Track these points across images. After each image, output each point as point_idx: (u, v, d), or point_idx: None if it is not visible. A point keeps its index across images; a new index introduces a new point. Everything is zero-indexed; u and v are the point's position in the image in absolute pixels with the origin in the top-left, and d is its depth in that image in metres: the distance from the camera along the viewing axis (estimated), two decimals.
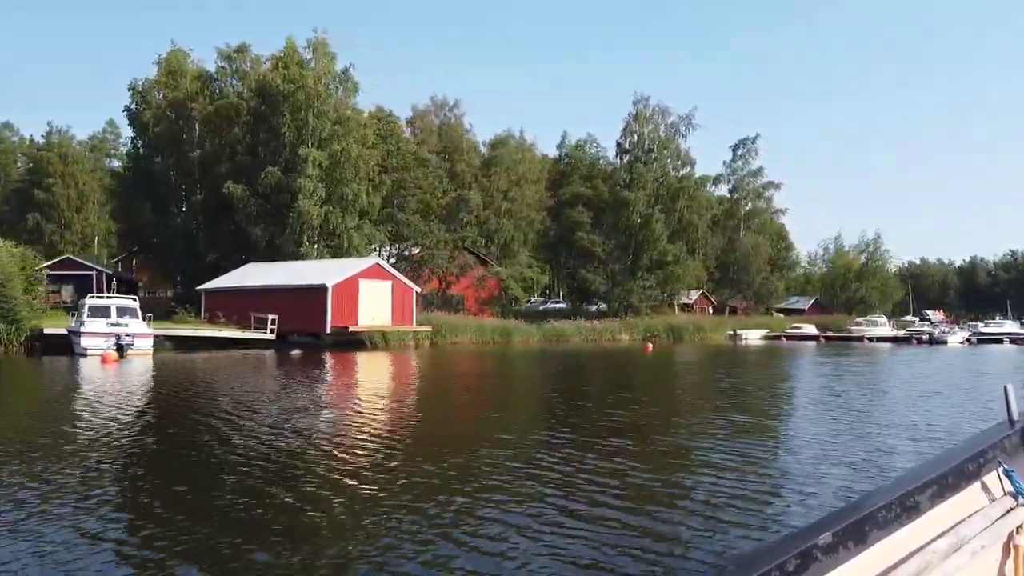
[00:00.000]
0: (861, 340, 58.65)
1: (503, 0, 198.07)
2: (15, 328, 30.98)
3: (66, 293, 48.03)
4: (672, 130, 65.41)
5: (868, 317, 67.67)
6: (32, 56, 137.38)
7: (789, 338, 61.94)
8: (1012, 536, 1.98)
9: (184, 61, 53.67)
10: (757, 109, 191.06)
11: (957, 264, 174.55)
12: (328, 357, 30.90)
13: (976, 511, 1.93)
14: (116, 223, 66.22)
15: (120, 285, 55.89)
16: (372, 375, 24.17)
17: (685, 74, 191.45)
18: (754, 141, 76.03)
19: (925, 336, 56.06)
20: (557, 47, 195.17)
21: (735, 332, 61.63)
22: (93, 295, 32.76)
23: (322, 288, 37.42)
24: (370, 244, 48.68)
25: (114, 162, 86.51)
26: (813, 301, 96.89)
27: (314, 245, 45.75)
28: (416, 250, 52.10)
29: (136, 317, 29.72)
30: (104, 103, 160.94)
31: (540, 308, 71.45)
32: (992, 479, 2.02)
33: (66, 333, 29.99)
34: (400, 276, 42.59)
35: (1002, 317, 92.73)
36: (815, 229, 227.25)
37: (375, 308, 39.84)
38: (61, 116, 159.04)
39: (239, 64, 52.03)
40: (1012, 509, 2.00)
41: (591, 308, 65.77)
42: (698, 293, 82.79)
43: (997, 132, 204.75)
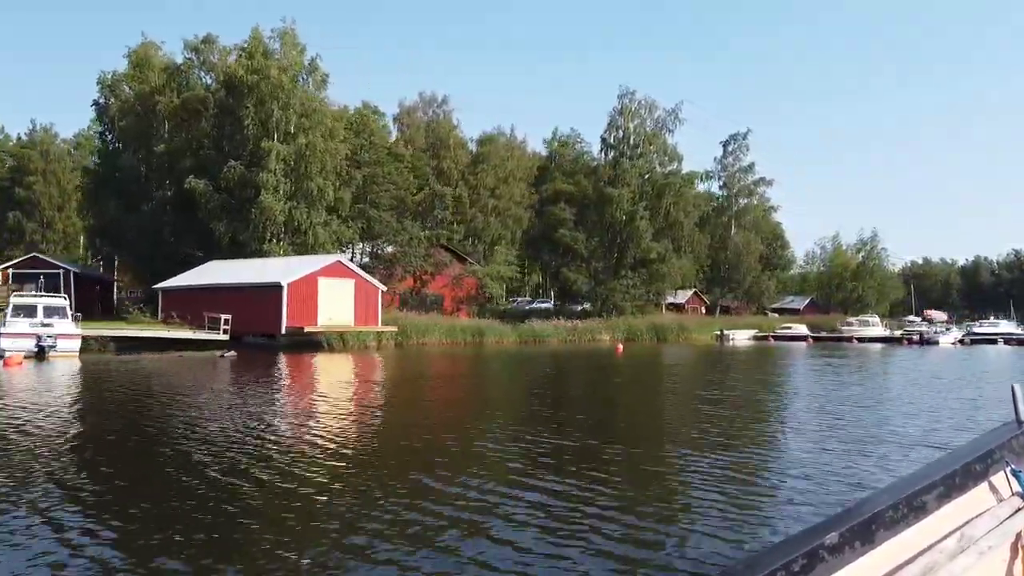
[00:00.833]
0: (851, 341, 56.80)
1: (503, 0, 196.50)
2: None
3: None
4: (659, 125, 63.69)
5: (860, 317, 65.73)
6: (18, 54, 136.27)
7: (777, 338, 60.12)
8: (1020, 536, 1.97)
9: (152, 54, 52.28)
10: (758, 109, 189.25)
11: (960, 264, 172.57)
12: (273, 359, 29.30)
13: (984, 511, 1.93)
14: (83, 220, 64.84)
15: (97, 284, 54.65)
16: (306, 379, 22.52)
17: (685, 74, 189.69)
18: (745, 137, 74.33)
19: (916, 336, 54.11)
20: (557, 46, 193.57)
21: (722, 332, 59.78)
22: (20, 294, 31.23)
23: (276, 287, 35.81)
24: (339, 241, 47.06)
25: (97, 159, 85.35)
26: (809, 301, 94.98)
27: (278, 242, 44.14)
28: (390, 248, 50.37)
29: (65, 317, 28.19)
30: (90, 100, 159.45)
31: (526, 308, 69.89)
32: (1000, 479, 2.01)
33: None
34: (364, 274, 40.94)
35: (998, 317, 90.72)
36: (817, 230, 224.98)
37: (336, 307, 38.21)
38: (48, 115, 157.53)
39: (207, 56, 50.52)
40: (1020, 509, 1.98)
41: (577, 308, 64.15)
42: (690, 292, 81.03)
43: (999, 131, 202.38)
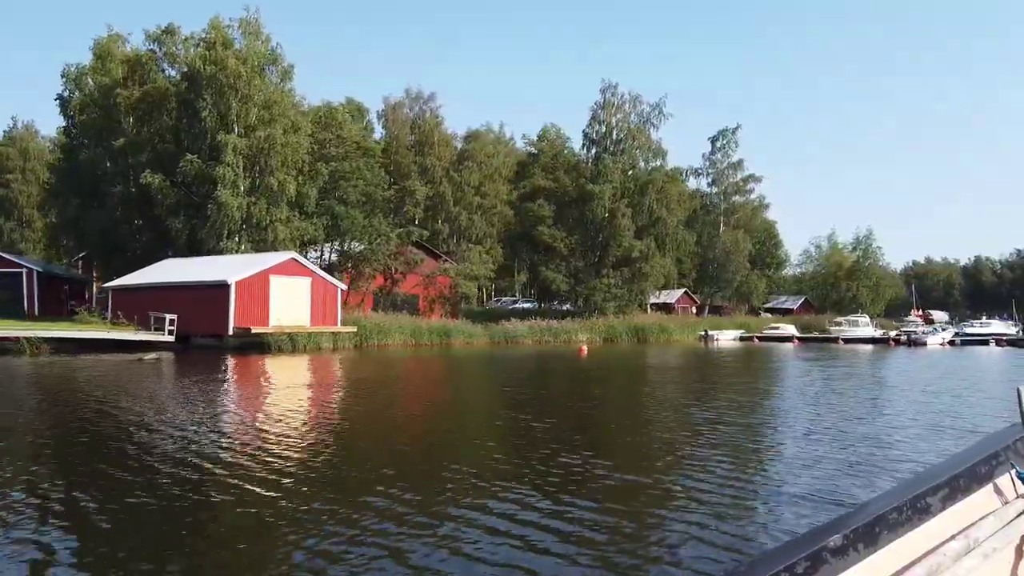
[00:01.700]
0: (836, 341, 54.95)
1: None
2: None
3: None
4: (643, 119, 61.92)
5: (849, 317, 63.77)
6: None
7: (762, 339, 58.30)
8: None
9: (114, 46, 50.79)
10: (757, 109, 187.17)
11: (962, 263, 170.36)
12: (212, 362, 27.68)
13: (988, 513, 1.90)
14: (44, 218, 63.45)
15: (66, 283, 53.10)
16: (237, 385, 20.78)
17: (688, 72, 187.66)
18: (734, 132, 72.39)
19: (903, 337, 52.17)
20: (547, 39, 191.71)
21: (706, 333, 58.03)
22: None
23: (223, 285, 34.15)
24: (302, 238, 45.33)
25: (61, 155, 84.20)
26: (803, 300, 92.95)
27: (237, 240, 42.49)
28: (358, 246, 48.57)
29: None
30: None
31: (509, 308, 68.21)
32: (1004, 481, 1.99)
33: None
34: (321, 272, 39.27)
35: (1002, 317, 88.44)
36: (817, 229, 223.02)
37: (290, 307, 36.55)
38: (30, 112, 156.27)
39: (169, 47, 48.90)
40: None
41: (562, 308, 62.50)
42: (680, 292, 79.23)
43: (1002, 130, 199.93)
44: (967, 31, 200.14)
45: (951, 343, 51.15)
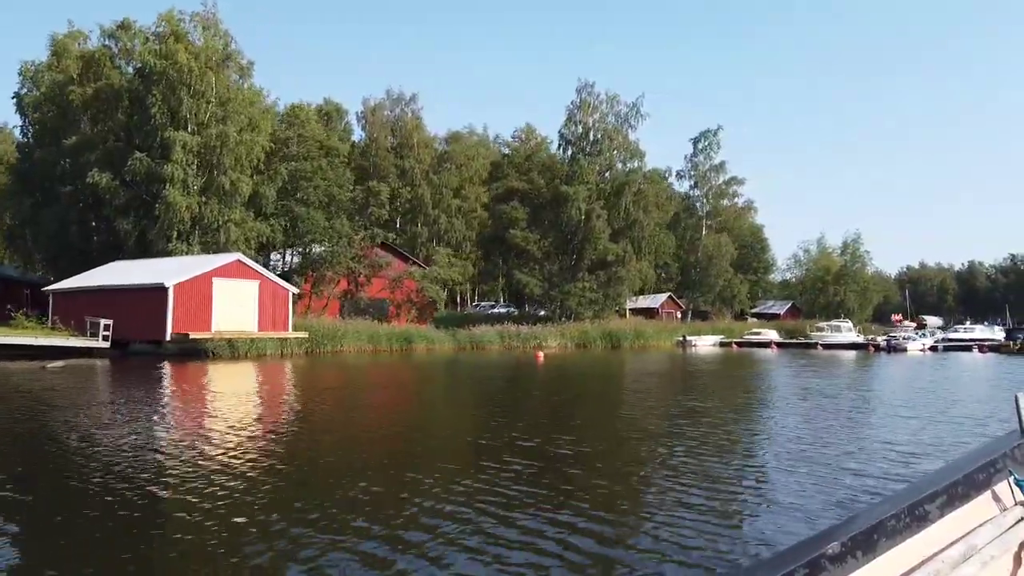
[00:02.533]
0: (815, 347, 53.35)
1: None
2: None
3: None
4: (620, 120, 60.40)
5: (831, 322, 62.12)
6: None
7: (741, 345, 56.67)
8: (1023, 546, 1.93)
9: (71, 43, 49.33)
10: (755, 109, 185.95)
11: (956, 268, 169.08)
12: (144, 369, 26.11)
13: (986, 520, 1.90)
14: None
15: (27, 287, 51.36)
16: (154, 395, 19.10)
17: (687, 73, 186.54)
18: (716, 133, 70.80)
19: (883, 343, 50.51)
20: (534, 40, 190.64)
21: (684, 338, 56.41)
22: None
23: (160, 288, 32.50)
24: (259, 240, 43.62)
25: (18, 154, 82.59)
26: (790, 305, 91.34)
27: (187, 241, 40.81)
28: (318, 248, 46.87)
29: None
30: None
31: (487, 312, 66.63)
32: (1003, 488, 1.99)
33: None
34: (271, 275, 37.62)
35: (979, 323, 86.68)
36: (809, 234, 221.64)
37: (236, 311, 34.88)
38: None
39: (125, 43, 47.37)
40: (1023, 519, 1.96)
41: (539, 312, 60.92)
42: (664, 297, 77.65)
43: (995, 134, 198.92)
44: (966, 31, 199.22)
45: (933, 349, 49.51)
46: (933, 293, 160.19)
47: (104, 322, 32.36)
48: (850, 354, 46.22)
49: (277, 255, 49.39)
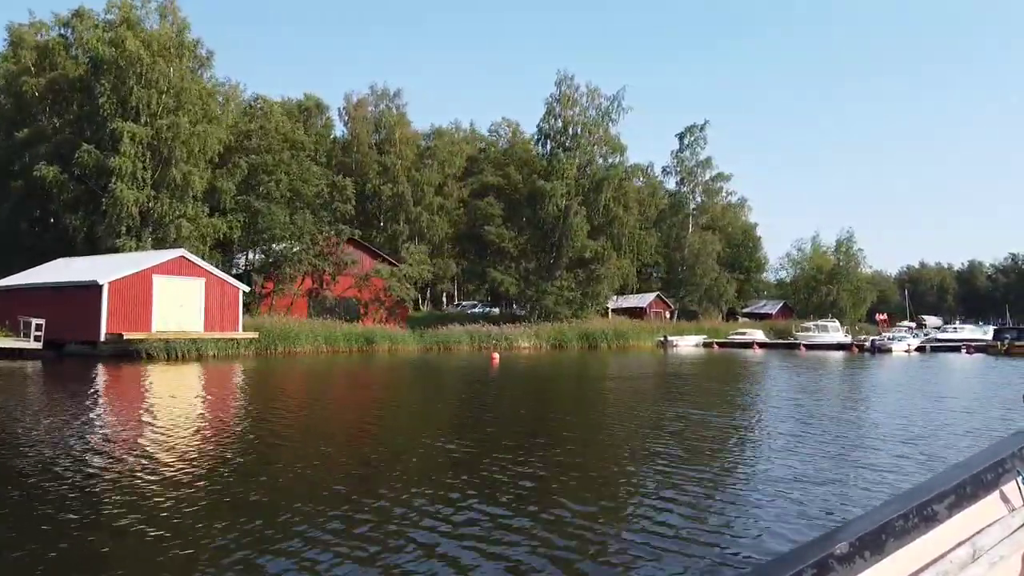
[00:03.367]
0: (798, 347, 51.48)
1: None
2: None
3: None
4: (601, 113, 58.60)
5: (818, 322, 60.19)
6: None
7: (723, 345, 54.80)
8: None
9: (28, 33, 47.75)
10: (752, 109, 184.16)
11: (956, 268, 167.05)
12: (59, 374, 24.39)
13: (994, 521, 1.90)
14: None
15: None
16: (70, 403, 17.31)
17: (686, 72, 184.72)
18: (702, 129, 68.85)
19: (867, 344, 48.57)
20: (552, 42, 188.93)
21: (665, 339, 54.56)
22: None
23: (94, 286, 30.74)
24: (217, 236, 41.84)
25: None
26: (782, 305, 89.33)
27: (137, 237, 39.10)
28: (283, 246, 44.99)
29: None
30: None
31: (468, 312, 64.95)
32: (1011, 488, 1.98)
33: None
34: (219, 272, 35.78)
35: (992, 322, 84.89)
36: (806, 233, 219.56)
37: (179, 310, 33.10)
38: None
39: (81, 32, 45.67)
40: None
41: (521, 312, 59.15)
42: (652, 296, 75.76)
43: (996, 133, 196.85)
44: (966, 31, 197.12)
45: (919, 350, 47.55)
46: (933, 293, 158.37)
47: (36, 322, 30.63)
48: (833, 355, 44.36)
49: (241, 254, 47.58)
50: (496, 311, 63.75)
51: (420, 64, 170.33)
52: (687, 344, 54.66)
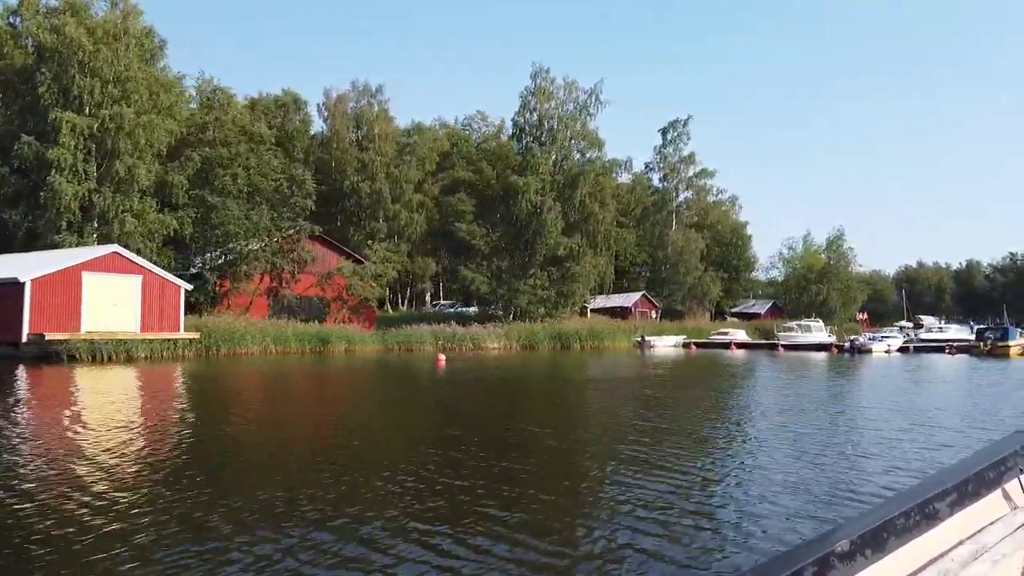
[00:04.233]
0: (776, 348, 49.58)
1: None
2: None
3: None
4: (579, 107, 56.82)
5: (801, 322, 58.29)
6: None
7: (701, 346, 52.93)
8: None
9: None
10: (752, 107, 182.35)
11: (953, 268, 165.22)
12: None
13: (997, 519, 1.90)
14: None
15: None
16: None
17: (685, 72, 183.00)
18: (685, 124, 66.99)
19: (846, 345, 46.64)
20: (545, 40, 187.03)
21: (643, 339, 52.72)
22: None
23: (14, 283, 28.99)
24: (167, 233, 39.99)
25: None
26: (771, 304, 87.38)
27: (78, 233, 37.35)
28: (242, 243, 43.07)
29: None
30: None
31: (446, 311, 63.21)
32: (1013, 486, 1.98)
33: None
34: (158, 270, 33.97)
35: (988, 321, 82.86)
36: (801, 233, 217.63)
37: (113, 310, 31.32)
38: None
39: (27, 20, 43.89)
40: None
41: (499, 312, 57.33)
42: (638, 295, 73.94)
43: (992, 133, 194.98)
44: (959, 29, 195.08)
45: (903, 350, 45.64)
46: (930, 293, 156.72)
47: None
48: (811, 356, 42.51)
49: (200, 252, 45.73)
50: (473, 311, 62.01)
51: (412, 62, 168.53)
52: (665, 344, 52.83)
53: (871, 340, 46.67)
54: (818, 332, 54.02)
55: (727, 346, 51.84)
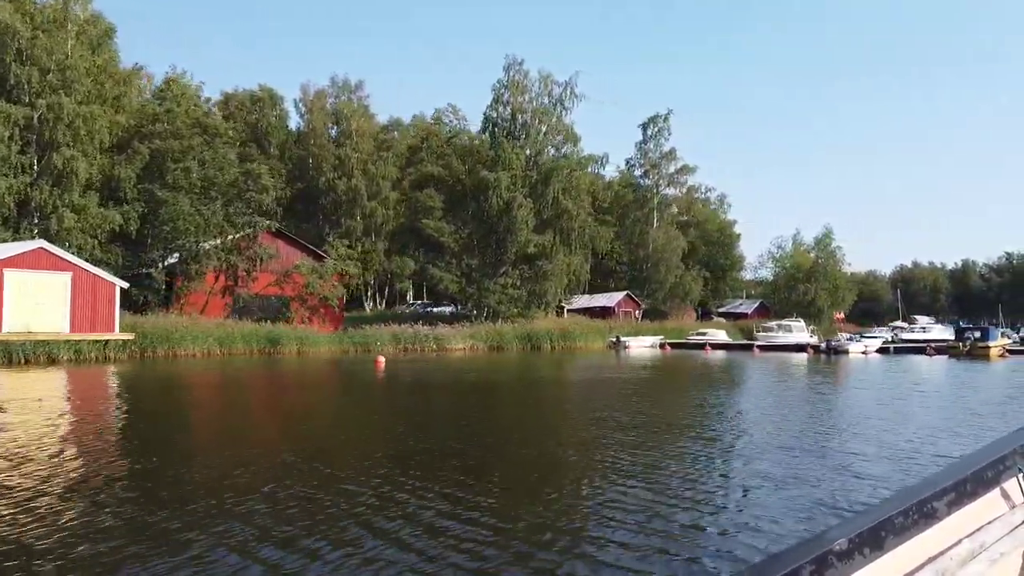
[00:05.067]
0: (751, 349, 47.85)
1: None
2: None
3: None
4: (553, 102, 55.14)
5: (783, 322, 56.53)
6: None
7: (676, 346, 51.21)
8: None
9: None
10: (748, 107, 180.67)
11: (949, 268, 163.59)
12: None
13: (995, 518, 1.88)
14: None
15: None
16: None
17: (684, 72, 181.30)
18: (666, 119, 65.25)
19: (822, 346, 44.92)
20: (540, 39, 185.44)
21: (618, 339, 50.99)
22: None
23: None
24: (107, 228, 38.15)
25: None
26: (758, 304, 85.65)
27: (13, 229, 35.60)
28: (182, 240, 41.19)
29: None
30: None
31: (421, 311, 61.54)
32: (1012, 485, 1.95)
33: None
34: (90, 267, 32.20)
35: (989, 321, 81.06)
36: (808, 233, 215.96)
37: (39, 309, 29.63)
38: None
39: None
40: None
41: (473, 312, 55.62)
42: (621, 295, 72.23)
43: (988, 133, 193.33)
44: (964, 31, 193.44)
45: (882, 351, 43.88)
46: (926, 293, 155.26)
47: None
48: (786, 357, 40.81)
49: (155, 250, 43.95)
50: (449, 310, 60.28)
51: (412, 62, 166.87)
52: (640, 345, 51.11)
53: (848, 340, 44.92)
54: (799, 332, 52.26)
55: (702, 347, 50.11)
